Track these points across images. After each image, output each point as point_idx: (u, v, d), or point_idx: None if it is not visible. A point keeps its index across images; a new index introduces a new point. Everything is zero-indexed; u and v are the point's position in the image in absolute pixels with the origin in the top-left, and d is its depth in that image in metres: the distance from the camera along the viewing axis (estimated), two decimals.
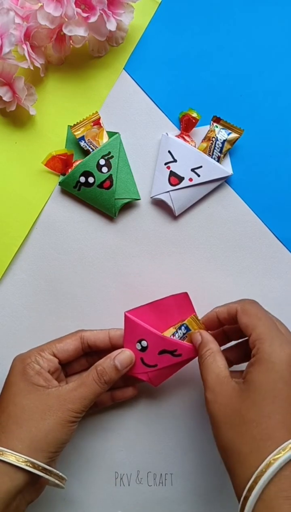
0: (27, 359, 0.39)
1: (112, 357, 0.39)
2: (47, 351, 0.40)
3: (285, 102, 0.47)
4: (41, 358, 0.39)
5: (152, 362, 0.41)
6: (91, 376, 0.38)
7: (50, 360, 0.40)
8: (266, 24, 0.47)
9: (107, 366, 0.39)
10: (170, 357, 0.40)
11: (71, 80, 0.47)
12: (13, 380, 0.38)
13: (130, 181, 0.46)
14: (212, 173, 0.45)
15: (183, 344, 0.40)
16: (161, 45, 0.47)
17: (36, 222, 0.47)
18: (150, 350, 0.40)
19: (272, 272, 0.47)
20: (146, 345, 0.40)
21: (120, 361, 0.39)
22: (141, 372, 0.41)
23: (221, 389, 0.35)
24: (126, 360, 0.40)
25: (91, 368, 0.39)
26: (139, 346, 0.41)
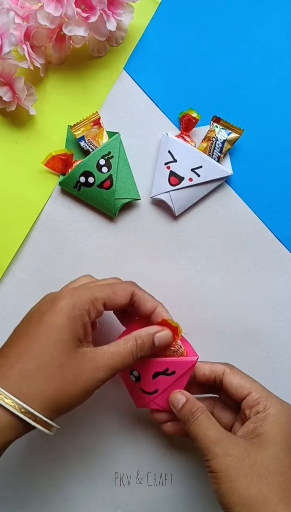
0: (80, 305, 0.35)
1: (154, 333, 0.37)
2: (100, 300, 0.36)
3: (285, 102, 0.47)
4: (93, 309, 0.36)
5: (151, 389, 0.40)
6: (129, 347, 0.36)
7: (99, 312, 0.36)
8: (266, 24, 0.47)
9: (147, 341, 0.37)
10: (165, 378, 0.39)
11: (71, 80, 0.47)
12: (59, 325, 0.34)
13: (130, 181, 0.46)
14: (212, 173, 0.45)
15: (171, 360, 0.39)
16: (161, 45, 0.47)
17: (36, 222, 0.47)
18: (144, 378, 0.40)
19: (272, 272, 0.47)
20: (138, 374, 0.40)
21: (160, 341, 0.38)
22: (147, 402, 0.41)
23: (230, 443, 0.34)
24: (166, 341, 0.38)
25: (129, 338, 0.37)
26: (133, 378, 0.40)
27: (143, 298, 0.39)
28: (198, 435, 0.36)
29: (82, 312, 0.35)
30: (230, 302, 0.46)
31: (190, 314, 0.46)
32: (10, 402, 0.32)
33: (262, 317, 0.46)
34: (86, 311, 0.35)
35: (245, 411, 0.37)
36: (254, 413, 0.36)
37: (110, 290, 0.37)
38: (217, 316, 0.46)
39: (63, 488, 0.46)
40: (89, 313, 0.35)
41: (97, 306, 0.36)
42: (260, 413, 0.36)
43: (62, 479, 0.46)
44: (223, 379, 0.38)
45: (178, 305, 0.46)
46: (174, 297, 0.47)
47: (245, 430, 0.36)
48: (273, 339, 0.46)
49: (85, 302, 0.35)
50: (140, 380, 0.40)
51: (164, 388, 0.40)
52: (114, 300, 0.37)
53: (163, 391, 0.40)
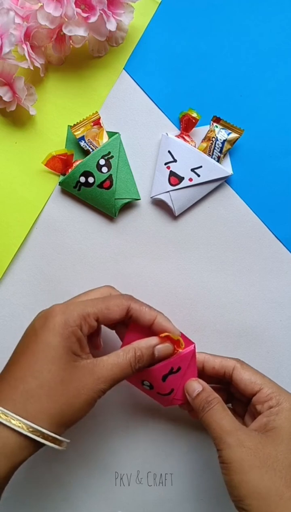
0: (71, 321, 0.35)
1: (154, 345, 0.38)
2: (92, 315, 0.36)
3: (285, 102, 0.47)
4: (85, 324, 0.36)
5: (166, 391, 0.40)
6: (128, 358, 0.36)
7: (92, 327, 0.36)
8: (266, 24, 0.47)
9: (146, 353, 0.37)
10: (174, 376, 0.39)
11: (71, 80, 0.47)
12: (53, 342, 0.35)
13: (130, 181, 0.46)
14: (212, 173, 0.45)
15: (173, 360, 0.39)
16: (161, 45, 0.47)
17: (36, 222, 0.47)
18: (155, 384, 0.40)
19: (272, 272, 0.47)
20: (149, 383, 0.40)
21: (160, 353, 0.38)
22: (170, 401, 0.41)
23: (245, 434, 0.35)
24: (166, 354, 0.38)
25: (129, 348, 0.37)
26: (147, 387, 0.40)
27: (140, 311, 0.38)
28: (212, 424, 0.36)
29: (74, 328, 0.35)
30: (230, 302, 0.46)
31: (190, 314, 0.46)
32: (17, 423, 0.33)
33: (262, 317, 0.46)
34: (79, 326, 0.35)
35: (256, 406, 0.37)
36: (266, 408, 0.36)
37: (104, 305, 0.37)
38: (217, 316, 0.46)
39: (63, 488, 0.46)
40: (82, 328, 0.36)
41: (89, 321, 0.36)
42: (273, 407, 0.36)
43: (63, 479, 0.46)
44: (233, 374, 0.39)
45: (178, 305, 0.47)
46: (174, 297, 0.47)
47: (258, 424, 0.36)
48: (273, 339, 0.46)
49: (77, 318, 0.35)
50: (153, 387, 0.40)
51: (178, 384, 0.40)
52: (108, 315, 0.37)
53: (178, 387, 0.40)
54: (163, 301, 0.47)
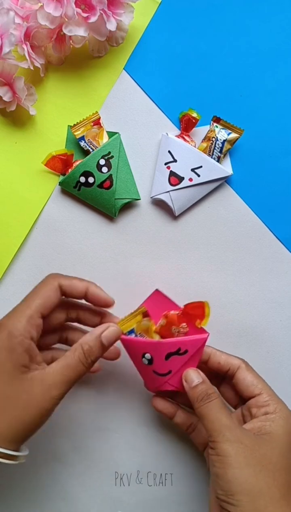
0: (15, 331, 0.35)
1: (98, 334, 0.37)
2: (35, 315, 0.36)
3: (285, 102, 0.47)
4: (32, 327, 0.35)
5: (164, 370, 0.40)
6: (77, 356, 0.35)
7: (39, 326, 0.36)
8: (266, 24, 0.47)
9: (94, 345, 0.36)
10: (178, 358, 0.39)
11: (71, 80, 0.47)
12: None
13: (130, 181, 0.46)
14: (212, 173, 0.45)
15: (184, 340, 0.39)
16: (161, 45, 0.47)
17: (36, 222, 0.47)
18: (156, 360, 0.39)
19: (272, 272, 0.47)
20: (150, 357, 0.39)
21: (108, 339, 0.37)
22: (161, 384, 0.40)
23: (243, 433, 0.35)
24: (114, 337, 0.37)
25: (76, 347, 0.36)
26: (145, 361, 0.40)
27: (71, 284, 0.38)
28: (210, 417, 0.36)
29: (20, 338, 0.34)
30: (230, 302, 0.46)
31: None
32: None
33: (262, 317, 0.46)
34: (24, 335, 0.35)
35: (251, 409, 0.38)
36: (262, 413, 0.37)
37: (37, 297, 0.37)
38: (217, 316, 0.46)
39: (63, 488, 0.46)
40: (30, 334, 0.35)
41: (34, 321, 0.36)
42: (269, 414, 0.36)
43: (63, 479, 0.46)
44: (237, 373, 0.39)
45: None
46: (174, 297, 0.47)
47: (251, 426, 0.36)
48: (273, 339, 0.46)
49: (20, 327, 0.35)
50: (153, 362, 0.39)
51: (177, 368, 0.39)
52: (46, 303, 0.36)
53: (176, 371, 0.40)
54: None
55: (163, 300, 0.41)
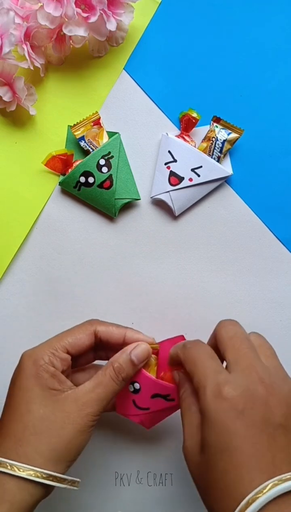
0: (40, 360, 0.36)
1: (129, 352, 0.37)
2: (60, 349, 0.37)
3: (285, 102, 0.47)
4: (55, 358, 0.36)
5: (144, 405, 0.39)
6: (108, 374, 0.36)
7: (64, 359, 0.37)
8: (266, 24, 0.47)
9: (124, 362, 0.37)
10: (163, 401, 0.38)
11: (71, 80, 0.47)
12: (26, 385, 0.35)
13: (130, 181, 0.46)
14: (212, 173, 0.45)
15: (176, 389, 0.38)
16: (161, 45, 0.47)
17: (36, 222, 0.47)
18: (143, 393, 0.39)
19: (272, 272, 0.47)
20: (139, 387, 0.39)
21: (137, 356, 0.37)
22: (133, 414, 0.40)
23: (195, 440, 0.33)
24: (143, 354, 0.38)
25: (107, 365, 0.37)
26: (132, 388, 0.39)
27: (107, 331, 0.39)
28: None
29: (45, 366, 0.36)
30: (230, 302, 0.46)
31: (190, 314, 0.46)
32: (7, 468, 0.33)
33: (262, 317, 0.46)
34: (48, 363, 0.36)
35: None
36: None
37: (69, 335, 0.38)
38: (217, 316, 0.46)
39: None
40: (53, 363, 0.36)
41: (59, 355, 0.36)
42: None
43: None
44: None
45: (178, 305, 0.47)
46: (174, 297, 0.47)
47: None
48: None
49: (44, 355, 0.36)
50: (138, 393, 0.39)
51: (156, 409, 0.39)
52: (76, 343, 0.37)
53: (153, 411, 0.39)
54: (163, 301, 0.47)
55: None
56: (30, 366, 0.36)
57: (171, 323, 0.44)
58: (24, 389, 0.35)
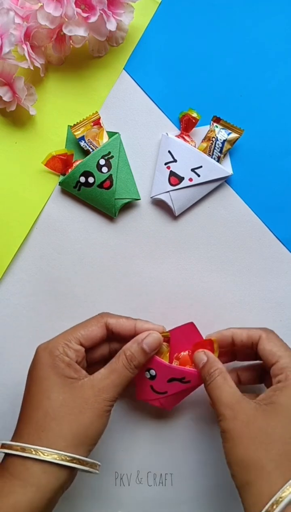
0: (55, 350, 0.37)
1: (140, 341, 0.38)
2: (74, 340, 0.38)
3: (285, 102, 0.47)
4: (69, 349, 0.38)
5: (161, 390, 0.41)
6: (121, 362, 0.38)
7: (78, 350, 0.38)
8: (266, 24, 0.47)
9: (136, 351, 0.38)
10: (179, 384, 0.41)
11: (71, 80, 0.47)
12: (44, 374, 0.37)
13: (130, 181, 0.46)
14: (212, 173, 0.45)
15: (191, 372, 0.40)
16: (161, 45, 0.47)
17: (36, 222, 0.47)
18: (159, 379, 0.41)
19: (272, 272, 0.47)
20: (155, 374, 0.41)
21: (149, 345, 0.38)
22: (153, 399, 0.42)
23: (241, 407, 0.35)
24: (155, 343, 0.39)
25: (120, 353, 0.38)
26: (148, 375, 0.41)
27: (118, 323, 0.40)
28: (213, 397, 0.37)
29: (60, 355, 0.37)
30: (230, 302, 0.46)
31: (190, 314, 0.46)
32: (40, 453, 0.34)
33: (262, 317, 0.46)
34: (63, 353, 0.37)
35: (271, 379, 0.37)
36: (276, 381, 0.36)
37: (82, 328, 0.39)
38: (217, 316, 0.46)
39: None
40: (67, 354, 0.37)
41: (72, 346, 0.38)
42: (281, 382, 0.36)
43: None
44: (258, 345, 0.39)
45: (178, 305, 0.47)
46: (174, 297, 0.47)
47: (263, 396, 0.36)
48: None
49: (59, 347, 0.38)
50: (155, 379, 0.41)
51: (173, 392, 0.41)
52: (89, 335, 0.39)
53: (171, 394, 0.41)
54: (163, 301, 0.47)
55: (192, 334, 0.41)
56: (46, 356, 0.37)
57: (171, 323, 0.44)
58: (41, 378, 0.37)
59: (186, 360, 0.41)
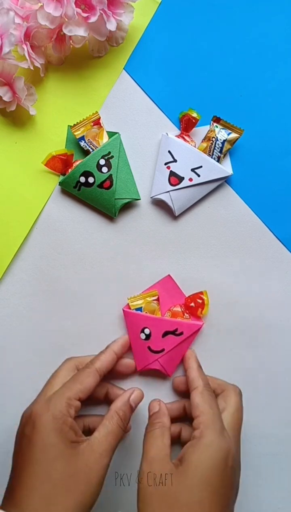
0: (60, 414, 0.36)
1: (127, 399, 0.40)
2: (74, 397, 0.38)
3: (285, 102, 0.47)
4: (71, 408, 0.37)
5: (158, 348, 0.44)
6: (116, 423, 0.38)
7: (77, 407, 0.38)
8: (266, 24, 0.47)
9: (127, 409, 0.39)
10: (173, 338, 0.44)
11: (71, 80, 0.47)
12: (50, 441, 0.35)
13: (130, 181, 0.46)
14: (212, 173, 0.45)
15: (181, 322, 0.44)
16: (161, 45, 0.47)
17: (36, 222, 0.47)
18: (154, 336, 0.44)
19: (272, 272, 0.47)
20: (149, 332, 0.44)
21: (135, 402, 0.40)
22: (152, 362, 0.44)
23: (158, 466, 0.35)
24: (139, 398, 0.41)
25: (112, 414, 0.38)
26: (143, 336, 0.44)
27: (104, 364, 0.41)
28: (143, 447, 0.38)
29: (64, 418, 0.36)
30: (230, 302, 0.46)
31: None
32: None
33: (262, 317, 0.46)
34: (66, 414, 0.37)
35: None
36: (192, 437, 0.36)
37: (78, 384, 0.39)
38: (217, 316, 0.46)
39: None
40: (70, 413, 0.37)
41: (73, 403, 0.37)
42: (195, 438, 0.36)
43: None
44: (191, 395, 0.39)
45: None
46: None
47: (181, 452, 0.36)
48: (273, 339, 0.46)
49: (62, 408, 0.37)
50: (150, 338, 0.44)
51: (170, 348, 0.44)
52: (86, 389, 0.39)
53: (169, 351, 0.44)
54: None
55: (172, 286, 0.46)
56: (51, 421, 0.36)
57: None
58: (46, 446, 0.35)
59: (177, 313, 0.45)
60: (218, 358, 0.46)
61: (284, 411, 0.46)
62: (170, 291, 0.46)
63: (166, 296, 0.45)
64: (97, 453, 0.36)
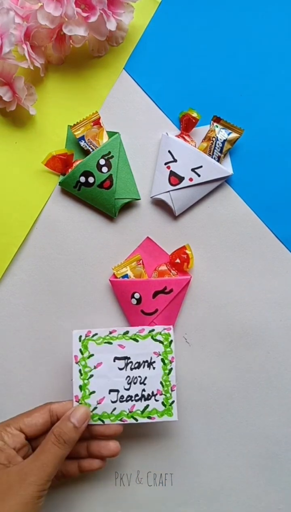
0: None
1: (68, 416, 0.39)
2: (13, 425, 0.39)
3: (285, 102, 0.47)
4: (6, 434, 0.38)
5: (151, 309, 0.44)
6: (50, 440, 0.37)
7: (16, 436, 0.38)
8: (266, 24, 0.47)
9: (65, 426, 0.38)
10: (164, 296, 0.44)
11: (71, 80, 0.47)
12: None
13: (130, 181, 0.46)
14: (212, 173, 0.45)
15: (169, 280, 0.44)
16: (161, 45, 0.47)
17: (36, 222, 0.47)
18: (144, 298, 0.44)
19: (272, 272, 0.47)
20: (139, 296, 0.44)
21: (77, 419, 0.39)
22: (148, 324, 0.44)
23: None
24: (82, 416, 0.39)
25: (49, 433, 0.38)
26: (134, 301, 0.44)
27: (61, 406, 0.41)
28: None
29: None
30: (230, 302, 0.46)
31: (189, 314, 0.46)
32: None
33: (262, 317, 0.46)
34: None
35: None
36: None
37: (25, 416, 0.40)
38: (217, 316, 0.46)
39: (63, 488, 0.46)
40: (2, 438, 0.38)
41: (11, 431, 0.38)
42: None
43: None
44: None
45: None
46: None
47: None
48: (273, 339, 0.46)
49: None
50: (141, 302, 0.44)
51: (163, 307, 0.44)
52: (31, 421, 0.39)
53: (162, 311, 0.44)
54: None
55: (153, 247, 0.46)
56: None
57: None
58: None
59: (164, 271, 0.45)
60: (218, 358, 0.46)
61: (284, 411, 0.46)
62: (152, 253, 0.46)
63: (149, 259, 0.46)
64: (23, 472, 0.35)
